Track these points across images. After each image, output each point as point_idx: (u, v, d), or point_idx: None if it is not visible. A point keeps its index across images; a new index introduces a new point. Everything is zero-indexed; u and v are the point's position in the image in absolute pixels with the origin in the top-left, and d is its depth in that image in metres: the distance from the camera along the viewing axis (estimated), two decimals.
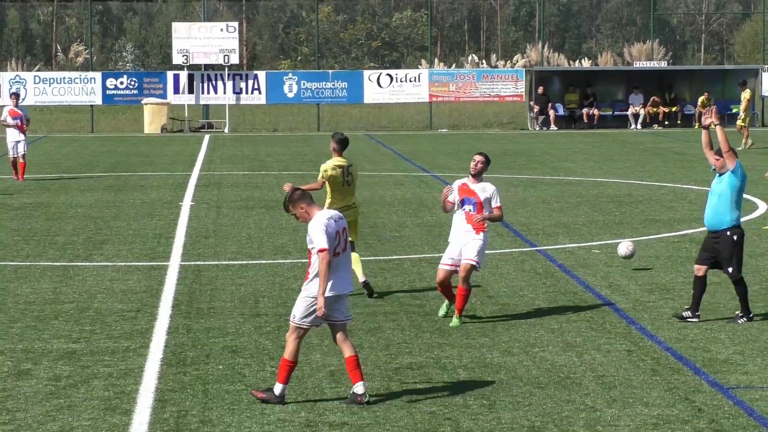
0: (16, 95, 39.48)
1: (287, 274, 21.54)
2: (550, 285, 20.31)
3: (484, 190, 17.39)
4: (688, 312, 17.65)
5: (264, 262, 22.89)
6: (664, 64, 69.03)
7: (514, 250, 24.02)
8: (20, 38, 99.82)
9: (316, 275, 13.41)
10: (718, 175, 17.94)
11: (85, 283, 20.77)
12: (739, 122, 48.70)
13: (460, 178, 17.98)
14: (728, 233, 17.75)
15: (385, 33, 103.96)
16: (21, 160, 37.38)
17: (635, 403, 13.52)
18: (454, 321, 17.31)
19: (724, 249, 17.76)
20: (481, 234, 17.29)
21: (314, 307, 13.40)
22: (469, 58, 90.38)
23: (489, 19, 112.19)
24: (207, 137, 57.10)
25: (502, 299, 19.23)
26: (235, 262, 22.68)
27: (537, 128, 61.16)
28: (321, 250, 13.31)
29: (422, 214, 29.14)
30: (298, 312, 13.57)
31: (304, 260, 22.84)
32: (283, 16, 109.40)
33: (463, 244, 17.25)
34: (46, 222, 28.29)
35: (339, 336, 13.71)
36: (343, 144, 20.48)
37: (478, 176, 17.56)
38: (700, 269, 17.77)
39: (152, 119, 60.69)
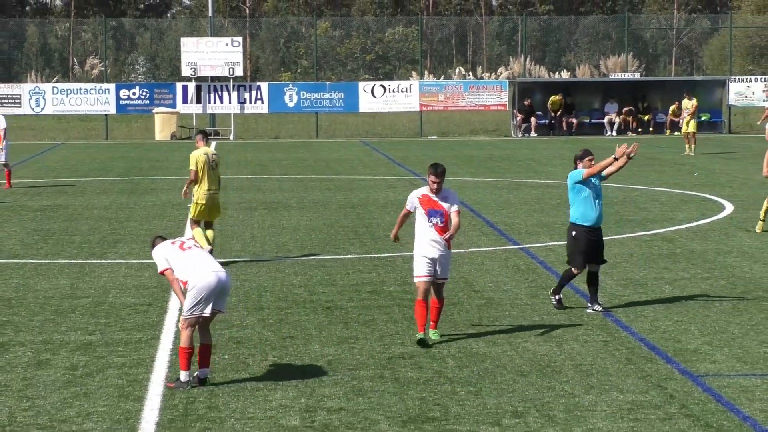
0: None
1: (288, 270, 21.51)
2: (532, 280, 20.30)
3: (446, 199, 15.94)
4: (590, 306, 17.81)
5: (266, 259, 22.86)
6: (637, 76, 69.01)
7: (498, 247, 24.01)
8: (39, 52, 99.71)
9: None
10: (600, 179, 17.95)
11: (100, 279, 20.75)
12: (684, 129, 48.25)
13: (448, 179, 17.76)
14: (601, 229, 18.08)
15: (378, 47, 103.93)
16: (6, 169, 36.19)
17: (611, 389, 13.51)
18: (434, 335, 15.91)
19: (601, 242, 18.12)
20: (449, 248, 16.11)
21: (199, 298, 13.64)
22: (457, 70, 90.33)
23: (475, 34, 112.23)
24: (213, 144, 57.06)
25: (487, 293, 19.21)
26: (240, 260, 22.65)
27: (519, 135, 61.16)
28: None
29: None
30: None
31: (304, 257, 22.85)
32: (283, 31, 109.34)
33: (437, 259, 15.75)
34: (64, 222, 28.27)
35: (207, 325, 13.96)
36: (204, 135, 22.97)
37: (439, 192, 15.94)
38: (591, 266, 17.92)
39: (162, 127, 60.66)
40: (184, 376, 13.71)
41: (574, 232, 17.91)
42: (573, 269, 17.97)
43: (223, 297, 13.81)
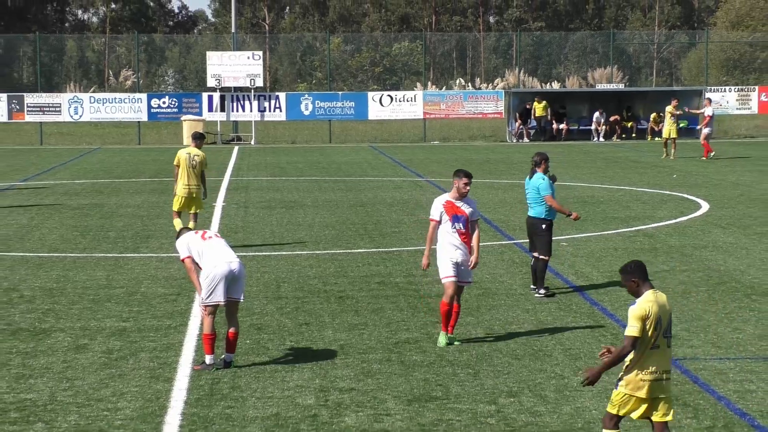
0: None
1: (304, 263, 21.55)
2: (526, 273, 20.30)
3: (469, 204, 15.45)
4: (542, 290, 18.21)
5: (284, 253, 22.91)
6: (621, 86, 68.82)
7: (495, 243, 24.02)
8: (77, 64, 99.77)
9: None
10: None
11: (133, 271, 20.80)
12: (665, 135, 47.97)
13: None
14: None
15: (386, 60, 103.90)
16: None
17: None
18: (447, 339, 15.12)
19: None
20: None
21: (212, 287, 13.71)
22: (457, 81, 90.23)
23: (474, 49, 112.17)
24: (236, 148, 57.09)
25: (484, 284, 19.24)
26: (260, 253, 22.69)
27: (514, 141, 61.12)
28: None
29: (417, 212, 29.14)
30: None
31: (318, 251, 22.88)
32: (300, 46, 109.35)
33: (460, 262, 15.23)
34: (100, 220, 28.33)
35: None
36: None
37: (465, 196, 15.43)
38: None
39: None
40: (209, 359, 13.76)
41: (543, 225, 18.46)
42: (546, 257, 18.35)
43: (236, 285, 13.80)
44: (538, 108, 61.24)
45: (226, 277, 13.62)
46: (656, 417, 9.94)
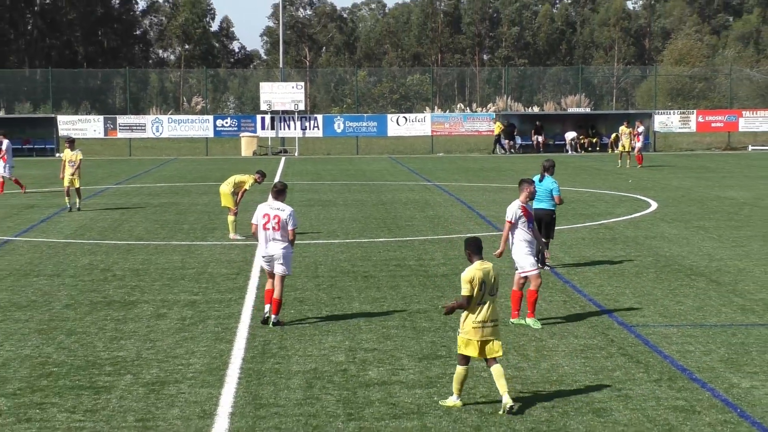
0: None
1: (336, 249, 21.53)
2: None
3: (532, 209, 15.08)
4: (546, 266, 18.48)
5: (321, 241, 22.89)
6: (588, 110, 68.63)
7: (487, 233, 23.95)
8: (158, 92, 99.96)
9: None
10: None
11: (202, 255, 20.82)
12: (620, 148, 47.70)
13: (452, 184, 17.72)
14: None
15: (401, 89, 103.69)
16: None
17: (568, 335, 13.49)
18: (535, 324, 14.08)
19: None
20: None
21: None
22: (458, 106, 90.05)
23: (471, 80, 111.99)
24: (283, 159, 57.12)
25: None
26: (301, 242, 22.67)
27: (502, 153, 60.99)
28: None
29: (426, 210, 29.10)
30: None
31: (347, 240, 22.86)
32: (333, 78, 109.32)
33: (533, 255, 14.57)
34: (176, 215, 28.37)
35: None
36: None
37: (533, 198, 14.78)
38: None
39: (247, 147, 60.70)
40: (266, 309, 14.23)
41: (553, 215, 18.78)
42: (551, 238, 18.94)
43: (271, 264, 14.18)
44: (497, 127, 61.19)
45: (263, 258, 14.34)
46: (489, 354, 10.35)
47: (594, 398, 10.71)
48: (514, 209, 14.50)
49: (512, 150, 60.55)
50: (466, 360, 10.45)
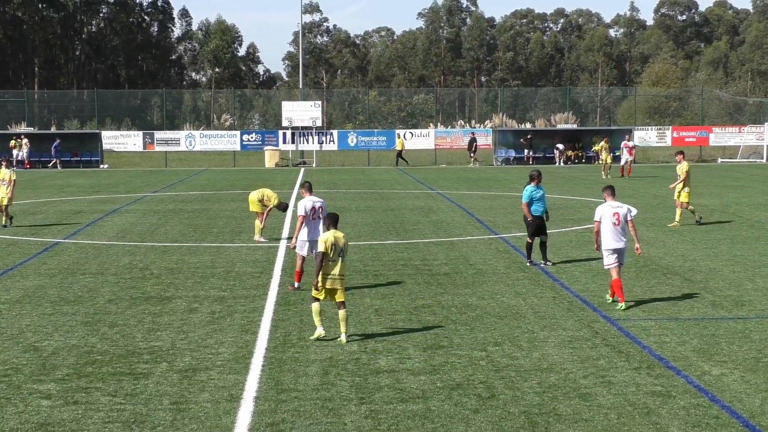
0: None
1: (350, 251, 21.38)
2: (507, 258, 20.23)
3: (620, 207, 15.35)
4: (542, 262, 18.79)
5: None
6: (575, 126, 68.45)
7: (485, 236, 23.93)
8: (191, 110, 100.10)
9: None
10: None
11: (229, 256, 20.82)
12: (602, 161, 47.77)
13: (453, 192, 17.70)
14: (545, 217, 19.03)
15: (408, 108, 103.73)
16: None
17: (557, 328, 13.45)
18: (624, 306, 14.66)
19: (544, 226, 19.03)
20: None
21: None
22: (459, 122, 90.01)
23: (470, 99, 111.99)
24: (302, 169, 57.15)
25: (477, 266, 19.15)
26: None
27: (498, 164, 60.95)
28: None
29: (430, 215, 29.06)
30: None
31: (360, 242, 22.83)
32: (347, 97, 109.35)
33: (620, 250, 15.03)
34: (207, 219, 28.39)
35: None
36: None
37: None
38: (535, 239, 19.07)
39: (270, 159, 60.76)
40: (296, 284, 15.87)
41: (529, 218, 19.04)
42: (529, 240, 19.09)
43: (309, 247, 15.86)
44: (399, 143, 60.97)
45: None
46: (336, 299, 12.50)
47: (580, 384, 10.67)
48: (602, 211, 15.25)
49: (476, 161, 60.28)
50: (316, 300, 12.60)
